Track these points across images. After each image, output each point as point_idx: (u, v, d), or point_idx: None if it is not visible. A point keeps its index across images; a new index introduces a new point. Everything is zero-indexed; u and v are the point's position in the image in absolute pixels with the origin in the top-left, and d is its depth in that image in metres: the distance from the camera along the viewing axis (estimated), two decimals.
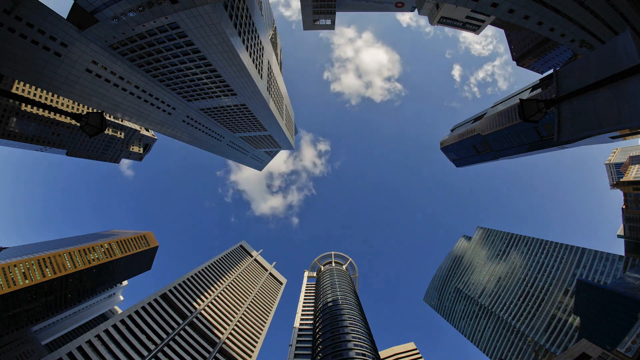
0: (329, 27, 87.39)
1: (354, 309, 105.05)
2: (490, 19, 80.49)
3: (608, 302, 70.97)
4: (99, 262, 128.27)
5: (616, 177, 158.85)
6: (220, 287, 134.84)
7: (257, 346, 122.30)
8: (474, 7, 49.71)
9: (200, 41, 58.69)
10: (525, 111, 8.70)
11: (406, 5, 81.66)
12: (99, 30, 53.68)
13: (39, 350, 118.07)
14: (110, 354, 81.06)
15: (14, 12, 46.04)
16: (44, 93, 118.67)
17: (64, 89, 58.48)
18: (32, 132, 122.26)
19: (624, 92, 6.96)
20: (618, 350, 47.88)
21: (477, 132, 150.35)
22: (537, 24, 49.03)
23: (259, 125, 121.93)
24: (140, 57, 64.34)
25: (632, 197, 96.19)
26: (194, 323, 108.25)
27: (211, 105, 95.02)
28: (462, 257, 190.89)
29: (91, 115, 9.39)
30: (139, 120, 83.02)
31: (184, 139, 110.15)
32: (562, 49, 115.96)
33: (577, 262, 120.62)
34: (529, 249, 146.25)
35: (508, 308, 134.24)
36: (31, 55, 50.28)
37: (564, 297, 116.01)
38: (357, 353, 78.18)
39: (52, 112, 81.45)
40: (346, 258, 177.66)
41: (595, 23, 44.97)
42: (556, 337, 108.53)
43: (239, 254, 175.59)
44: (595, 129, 8.05)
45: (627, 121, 7.02)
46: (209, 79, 75.86)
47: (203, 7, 49.31)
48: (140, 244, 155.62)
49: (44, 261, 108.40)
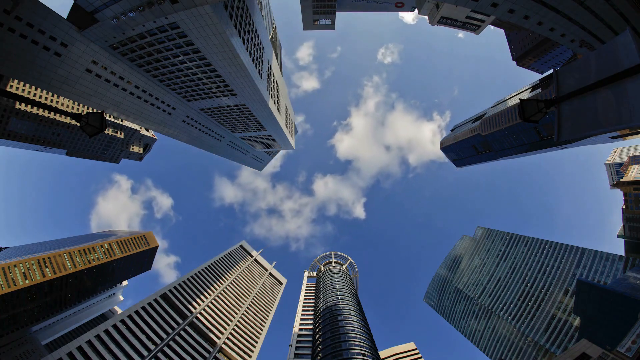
0: (329, 27, 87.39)
1: (354, 309, 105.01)
2: (490, 19, 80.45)
3: (608, 302, 70.90)
4: (99, 262, 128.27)
5: (616, 177, 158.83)
6: (220, 287, 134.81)
7: (257, 346, 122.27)
8: (474, 7, 49.71)
9: (200, 41, 58.66)
10: (525, 111, 8.70)
11: (406, 5, 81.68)
12: (99, 30, 53.67)
13: (39, 350, 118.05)
14: (110, 354, 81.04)
15: (14, 12, 46.03)
16: (44, 93, 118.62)
17: (64, 89, 58.47)
18: (32, 132, 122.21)
19: (624, 92, 6.95)
20: (618, 350, 47.86)
21: (477, 132, 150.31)
22: (537, 24, 49.02)
23: (259, 125, 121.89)
24: (140, 57, 64.31)
25: (632, 197, 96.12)
26: (194, 323, 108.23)
27: (211, 105, 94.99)
28: (462, 257, 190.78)
29: (91, 115, 9.39)
30: (139, 120, 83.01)
31: (183, 139, 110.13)
32: (562, 49, 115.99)
33: (577, 262, 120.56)
34: (529, 249, 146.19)
35: (508, 308, 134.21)
36: (31, 56, 50.27)
37: (564, 297, 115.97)
38: (357, 353, 78.15)
39: (52, 112, 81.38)
40: (346, 258, 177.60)
41: (595, 23, 44.95)
42: (556, 337, 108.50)
43: (239, 254, 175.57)
44: (595, 129, 8.04)
45: (627, 121, 7.01)
46: (209, 79, 75.83)
47: (203, 7, 49.27)
48: (140, 244, 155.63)
49: (44, 261, 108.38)
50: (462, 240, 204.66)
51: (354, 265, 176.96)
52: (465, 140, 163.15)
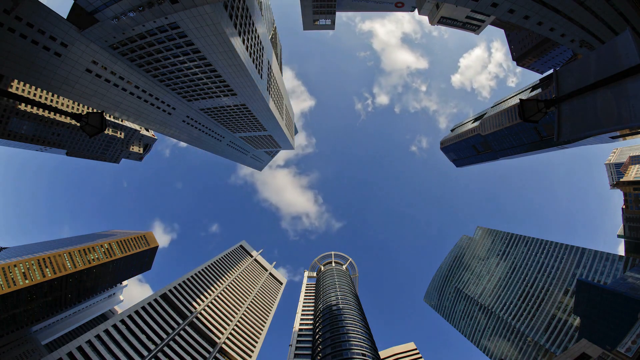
0: (329, 27, 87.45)
1: (354, 309, 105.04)
2: (490, 19, 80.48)
3: (608, 302, 70.89)
4: (99, 262, 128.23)
5: (616, 177, 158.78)
6: (220, 287, 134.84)
7: (257, 346, 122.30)
8: (474, 7, 49.73)
9: (200, 41, 58.68)
10: (525, 111, 8.70)
11: (406, 5, 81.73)
12: (99, 30, 53.69)
13: (39, 350, 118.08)
14: (110, 354, 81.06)
15: (14, 12, 46.05)
16: (44, 93, 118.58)
17: (64, 89, 58.48)
18: (32, 132, 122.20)
19: (624, 92, 6.96)
20: (618, 350, 47.85)
21: (477, 132, 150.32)
22: (537, 24, 49.02)
23: (259, 125, 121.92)
24: (140, 57, 64.33)
25: (632, 197, 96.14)
26: (194, 323, 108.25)
27: (211, 105, 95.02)
28: (462, 257, 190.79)
29: (91, 115, 9.39)
30: (139, 120, 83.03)
31: (183, 139, 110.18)
32: (562, 49, 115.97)
33: (577, 262, 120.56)
34: (529, 249, 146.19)
35: (508, 308, 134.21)
36: (31, 55, 50.28)
37: (564, 297, 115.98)
38: (357, 353, 78.19)
39: (52, 112, 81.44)
40: (346, 258, 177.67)
41: (595, 23, 44.95)
42: (556, 337, 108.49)
43: (239, 254, 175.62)
44: (595, 129, 8.05)
45: (627, 121, 7.02)
46: (209, 78, 75.85)
47: (203, 7, 49.29)
48: (140, 244, 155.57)
49: (44, 261, 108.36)
50: (462, 240, 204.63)
51: (354, 265, 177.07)
52: (465, 140, 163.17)
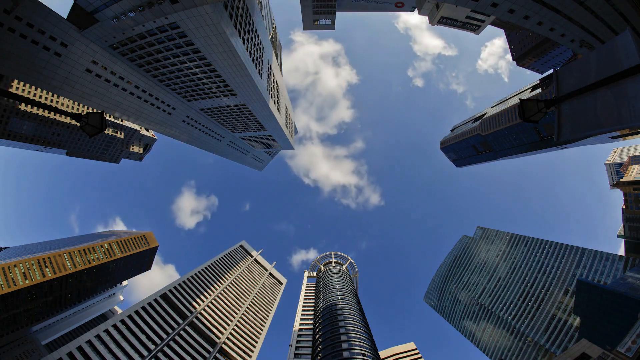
0: (329, 27, 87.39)
1: (354, 309, 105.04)
2: (490, 19, 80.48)
3: (608, 302, 70.88)
4: (99, 262, 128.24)
5: (616, 177, 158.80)
6: (220, 287, 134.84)
7: (257, 346, 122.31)
8: (474, 7, 49.72)
9: (200, 41, 58.68)
10: (525, 111, 8.70)
11: (406, 5, 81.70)
12: (99, 30, 53.69)
13: (39, 350, 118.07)
14: (110, 354, 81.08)
15: (14, 12, 46.05)
16: (44, 93, 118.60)
17: (64, 89, 58.48)
18: (32, 132, 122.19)
19: (624, 92, 6.96)
20: (618, 350, 47.84)
21: (477, 132, 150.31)
22: (537, 24, 49.00)
23: (259, 125, 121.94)
24: (140, 57, 64.33)
25: (632, 197, 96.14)
26: (194, 323, 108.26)
27: (211, 105, 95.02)
28: (462, 257, 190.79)
29: (91, 115, 9.40)
30: (139, 120, 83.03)
31: (183, 139, 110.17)
32: (562, 49, 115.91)
33: (577, 262, 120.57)
34: (529, 249, 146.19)
35: (508, 308, 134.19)
36: (31, 55, 50.28)
37: (564, 297, 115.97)
38: (357, 353, 78.19)
39: (52, 112, 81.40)
40: (346, 258, 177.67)
41: (595, 23, 44.93)
42: (556, 337, 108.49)
43: (239, 254, 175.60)
44: (595, 129, 8.05)
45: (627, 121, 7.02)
46: (209, 79, 75.86)
47: (203, 7, 49.29)
48: (140, 244, 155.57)
49: (44, 261, 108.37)
50: (462, 240, 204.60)
51: (354, 265, 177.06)
52: (465, 140, 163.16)
